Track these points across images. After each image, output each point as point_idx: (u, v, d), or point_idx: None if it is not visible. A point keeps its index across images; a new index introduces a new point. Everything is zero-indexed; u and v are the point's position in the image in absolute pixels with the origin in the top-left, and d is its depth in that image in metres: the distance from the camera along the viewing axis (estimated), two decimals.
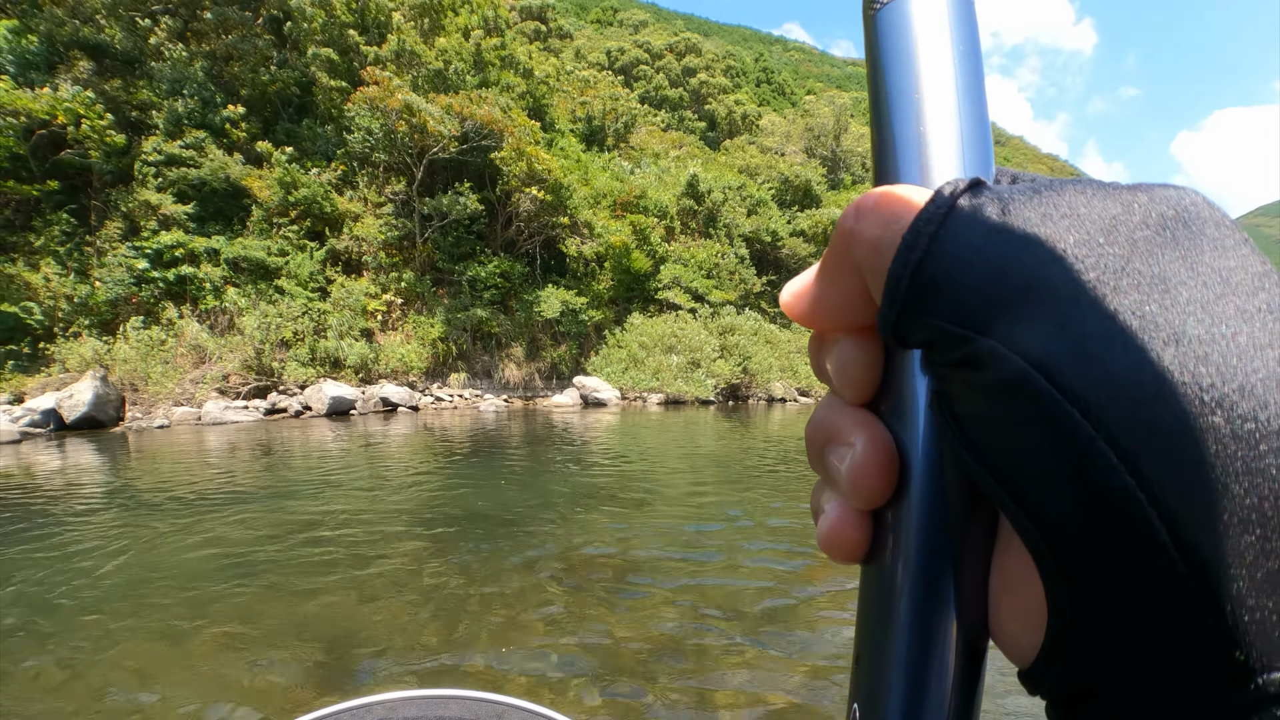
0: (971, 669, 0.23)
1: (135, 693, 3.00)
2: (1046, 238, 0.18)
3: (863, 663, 0.25)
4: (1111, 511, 0.16)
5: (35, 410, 13.37)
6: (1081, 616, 0.18)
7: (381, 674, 3.11)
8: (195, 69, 20.86)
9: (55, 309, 16.50)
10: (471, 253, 24.42)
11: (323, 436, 12.62)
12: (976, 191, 0.20)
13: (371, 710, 0.68)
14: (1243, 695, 0.16)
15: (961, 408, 0.20)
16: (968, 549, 0.22)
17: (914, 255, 0.20)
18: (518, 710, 0.70)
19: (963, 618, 0.22)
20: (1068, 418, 0.17)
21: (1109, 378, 0.16)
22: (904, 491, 0.23)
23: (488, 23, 31.79)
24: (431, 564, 4.71)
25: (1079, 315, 0.17)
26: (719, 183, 35.79)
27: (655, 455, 10.47)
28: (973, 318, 0.19)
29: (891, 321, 0.21)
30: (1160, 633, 0.17)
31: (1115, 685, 0.18)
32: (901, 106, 0.24)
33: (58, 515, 6.33)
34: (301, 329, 18.99)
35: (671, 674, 3.04)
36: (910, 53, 0.24)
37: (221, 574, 4.54)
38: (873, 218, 0.21)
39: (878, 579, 0.24)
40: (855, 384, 0.24)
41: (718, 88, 58.68)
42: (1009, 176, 0.24)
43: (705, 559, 4.83)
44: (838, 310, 0.23)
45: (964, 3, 0.25)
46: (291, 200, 20.82)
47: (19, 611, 4.00)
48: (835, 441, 0.24)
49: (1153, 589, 0.16)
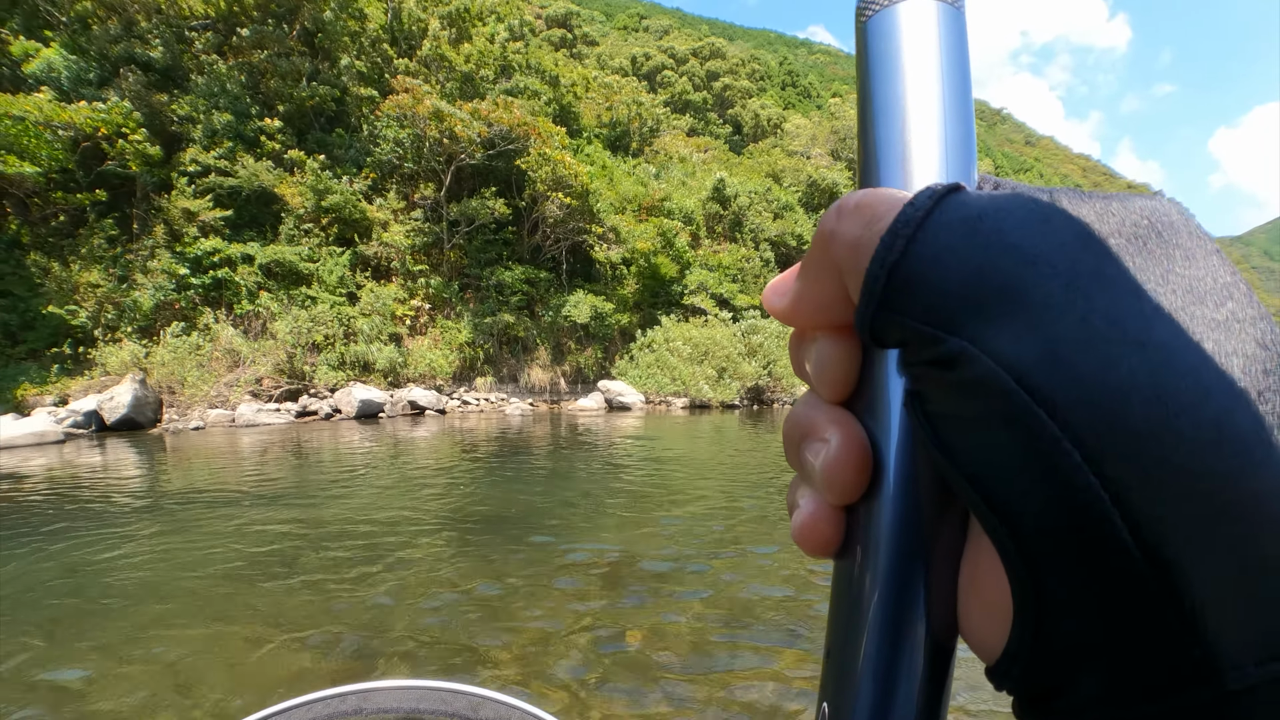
0: (940, 664, 0.23)
1: (167, 679, 3.11)
2: (1021, 243, 0.19)
3: (833, 657, 0.25)
4: (1076, 511, 0.17)
5: (78, 412, 13.83)
6: (1046, 614, 0.18)
7: (403, 669, 3.14)
8: (232, 82, 21.42)
9: (99, 313, 17.06)
10: (498, 258, 24.68)
11: (352, 439, 12.83)
12: (956, 196, 0.20)
13: (346, 699, 0.68)
14: (1204, 693, 0.16)
15: (934, 407, 0.20)
16: (938, 546, 0.23)
17: (891, 256, 0.20)
18: (492, 703, 0.70)
19: (932, 614, 0.23)
20: (1035, 419, 0.17)
21: (1077, 381, 0.17)
22: (877, 488, 0.23)
23: (513, 31, 32.20)
24: (457, 562, 4.77)
25: (1050, 319, 0.17)
26: (744, 187, 35.71)
27: (680, 457, 10.48)
28: (946, 319, 0.19)
29: (868, 321, 0.21)
30: (1123, 631, 0.17)
31: (1079, 682, 0.18)
32: (887, 112, 0.25)
33: (98, 512, 6.55)
34: (332, 333, 19.35)
35: (695, 677, 3.03)
36: (897, 60, 0.25)
37: (252, 569, 4.66)
38: (853, 219, 0.22)
39: (849, 574, 0.24)
40: (832, 382, 0.24)
41: (742, 91, 58.60)
42: (991, 183, 0.25)
43: (732, 560, 4.81)
44: (817, 309, 0.24)
45: (954, 13, 0.25)
46: (323, 207, 21.26)
47: (62, 600, 4.17)
48: (811, 437, 0.24)
49: (1115, 588, 0.17)
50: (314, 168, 21.42)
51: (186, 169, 19.79)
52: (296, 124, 23.02)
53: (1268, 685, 0.16)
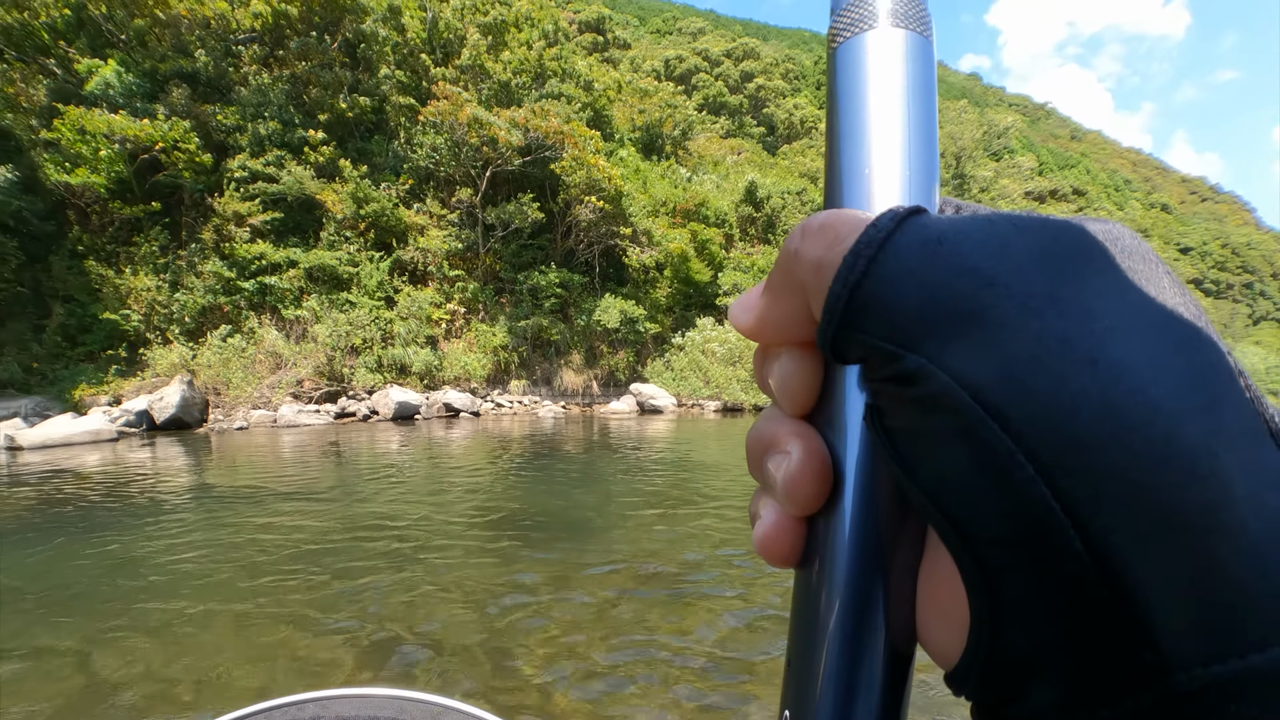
0: (899, 672, 0.24)
1: (204, 661, 3.28)
2: (979, 265, 0.19)
3: (793, 665, 0.25)
4: (1029, 520, 0.17)
5: (130, 411, 14.48)
6: (1001, 621, 0.19)
7: (430, 665, 3.24)
8: (276, 93, 22.17)
9: (151, 317, 17.84)
10: (533, 262, 24.97)
11: (388, 439, 13.16)
12: (917, 219, 0.21)
13: (304, 708, 0.67)
14: (1154, 694, 0.17)
15: (892, 421, 0.21)
16: (897, 557, 0.23)
17: (852, 276, 0.20)
18: (453, 711, 0.69)
19: (891, 622, 0.23)
20: (990, 432, 0.18)
21: (1029, 396, 0.17)
22: (837, 500, 0.23)
23: (548, 37, 32.55)
24: (486, 561, 4.86)
25: (1005, 337, 0.18)
26: (778, 188, 35.47)
27: (712, 460, 10.50)
28: (904, 336, 0.19)
29: (829, 338, 0.21)
30: (1076, 637, 0.17)
31: (1035, 688, 0.19)
32: (852, 136, 0.26)
33: (148, 506, 6.89)
34: (370, 337, 19.86)
35: (729, 682, 3.03)
36: (863, 86, 0.26)
37: (291, 562, 4.85)
38: (816, 239, 0.22)
39: (810, 584, 0.25)
40: (795, 396, 0.25)
41: (777, 92, 58.23)
42: (953, 206, 0.26)
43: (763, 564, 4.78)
44: (781, 325, 0.24)
45: (921, 42, 0.26)
46: (362, 214, 21.83)
47: (112, 586, 4.42)
48: (773, 449, 0.25)
49: (1068, 595, 0.17)
50: (354, 175, 22.01)
51: (234, 175, 20.57)
52: (337, 132, 23.67)
53: (1216, 686, 0.16)
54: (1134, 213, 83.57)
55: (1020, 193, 63.28)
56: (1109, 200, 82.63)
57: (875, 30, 0.26)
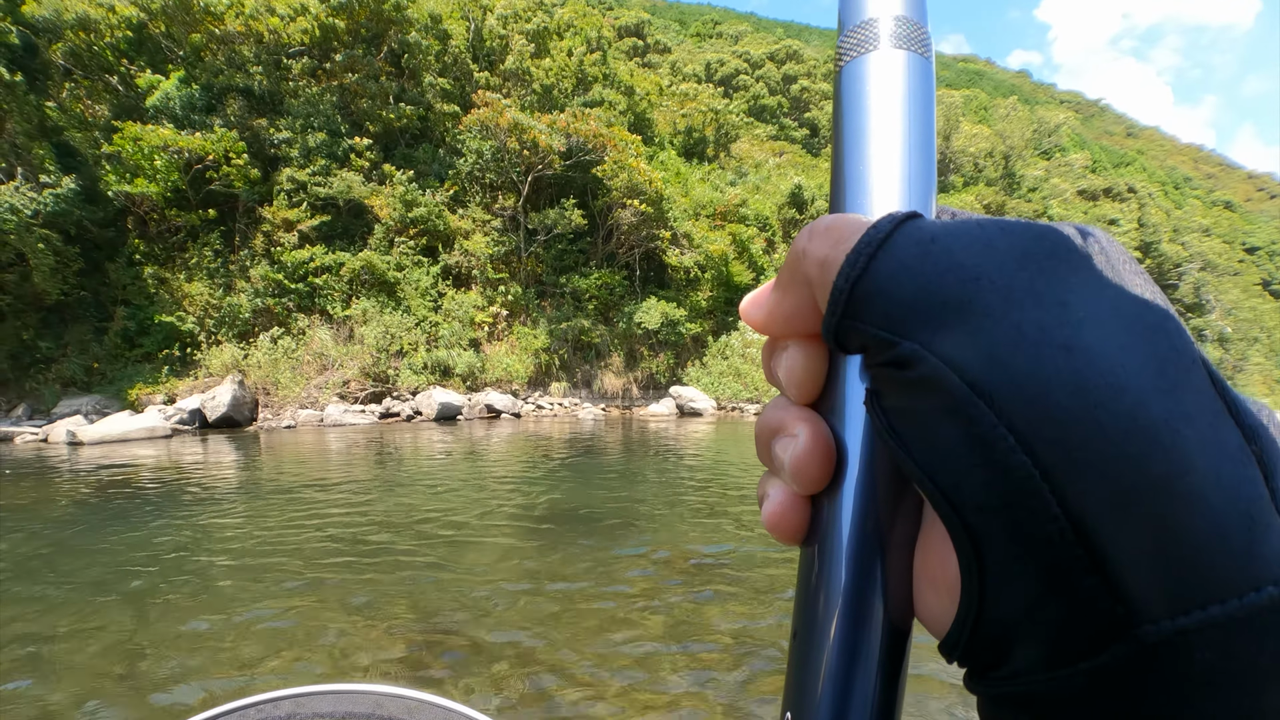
0: (897, 644, 0.25)
1: (242, 643, 3.32)
2: (966, 262, 0.21)
3: (799, 637, 0.27)
4: (1012, 487, 0.19)
5: (184, 410, 14.92)
6: (989, 583, 0.20)
7: (465, 660, 3.18)
8: (325, 104, 22.75)
9: (204, 319, 18.41)
10: (574, 265, 25.08)
11: (431, 439, 13.26)
12: (913, 222, 0.23)
13: (280, 705, 0.67)
14: (1127, 646, 0.18)
15: (889, 402, 0.23)
16: (894, 533, 0.25)
17: (854, 272, 0.22)
18: (430, 706, 0.69)
19: (889, 595, 0.25)
20: (976, 408, 0.19)
21: (1011, 376, 0.19)
22: (840, 480, 0.25)
23: (590, 43, 32.76)
24: (528, 557, 4.81)
25: (989, 326, 0.20)
26: (822, 190, 34.96)
27: (751, 462, 10.31)
28: (900, 326, 0.21)
29: (833, 328, 0.23)
30: (1054, 594, 0.19)
31: (1018, 648, 0.21)
32: (855, 148, 0.28)
33: (200, 498, 7.02)
34: (415, 339, 20.14)
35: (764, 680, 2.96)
36: (866, 103, 0.28)
37: (336, 554, 4.87)
38: (822, 239, 0.24)
39: (814, 559, 0.26)
40: (801, 385, 0.26)
41: (819, 93, 57.56)
42: (949, 213, 0.28)
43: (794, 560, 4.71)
44: (789, 319, 0.26)
45: (921, 62, 0.28)
46: (410, 218, 22.21)
47: (163, 573, 4.49)
48: (781, 433, 0.27)
49: (1048, 555, 0.19)
50: (402, 181, 22.43)
51: (284, 187, 21.18)
52: (383, 141, 24.17)
53: (1180, 635, 0.18)
54: (1193, 211, 79.54)
55: (1073, 191, 61.23)
56: (1166, 198, 79.19)
57: (878, 51, 0.28)
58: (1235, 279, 67.55)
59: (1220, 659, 0.18)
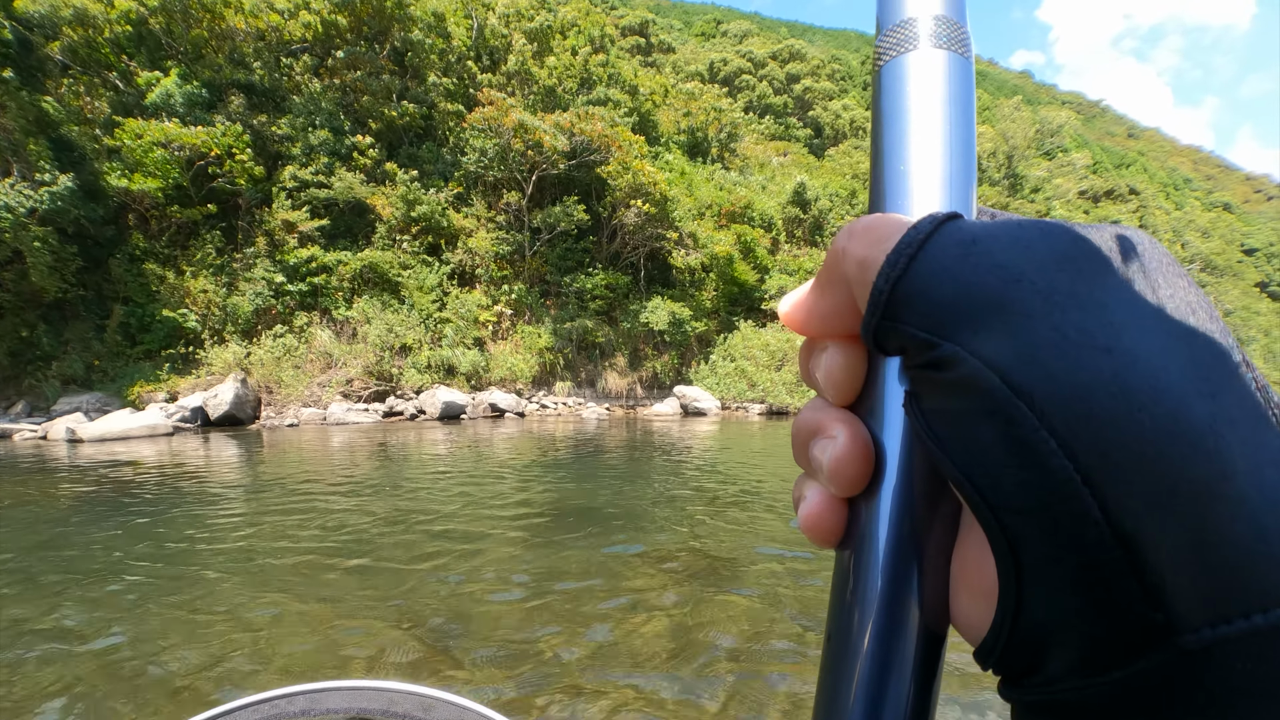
0: (932, 650, 0.25)
1: (234, 643, 3.20)
2: (1007, 263, 0.21)
3: (833, 640, 0.26)
4: (1052, 490, 0.19)
5: (186, 408, 14.76)
6: (1026, 588, 0.20)
7: (467, 656, 3.10)
8: (328, 101, 22.58)
9: (206, 317, 18.24)
10: (578, 265, 24.91)
11: (435, 438, 13.09)
12: (954, 223, 0.23)
13: (294, 700, 0.67)
14: (1164, 654, 0.18)
15: (928, 404, 0.22)
16: (932, 537, 0.24)
17: (894, 272, 0.22)
18: (442, 703, 0.69)
19: (925, 599, 0.24)
20: (1016, 410, 0.19)
21: (1051, 378, 0.19)
22: (878, 483, 0.25)
23: (594, 42, 32.62)
24: (531, 557, 4.70)
25: (1029, 327, 0.20)
26: (826, 190, 34.82)
27: (755, 462, 10.14)
28: (940, 327, 0.21)
29: (872, 329, 0.23)
30: (1092, 599, 0.19)
31: (1055, 654, 0.20)
32: (895, 148, 0.27)
33: (200, 495, 6.85)
34: (419, 338, 19.98)
35: (767, 680, 2.88)
36: (906, 103, 0.28)
37: (337, 551, 4.74)
38: (862, 239, 0.24)
39: (850, 562, 0.26)
40: (839, 386, 0.26)
41: (823, 93, 57.38)
42: (988, 214, 0.27)
43: (802, 561, 4.63)
44: (827, 319, 0.26)
45: (961, 61, 0.28)
46: (413, 217, 22.04)
47: (159, 570, 4.36)
48: (819, 434, 0.26)
49: (1087, 558, 0.18)
50: (405, 179, 22.26)
51: (286, 185, 21.00)
52: (387, 139, 24.01)
53: (1220, 645, 0.17)
54: (1193, 212, 79.40)
55: (1075, 191, 61.08)
56: (1167, 199, 79.07)
57: (917, 51, 0.28)
58: (1236, 280, 67.29)
59: (1261, 669, 0.17)
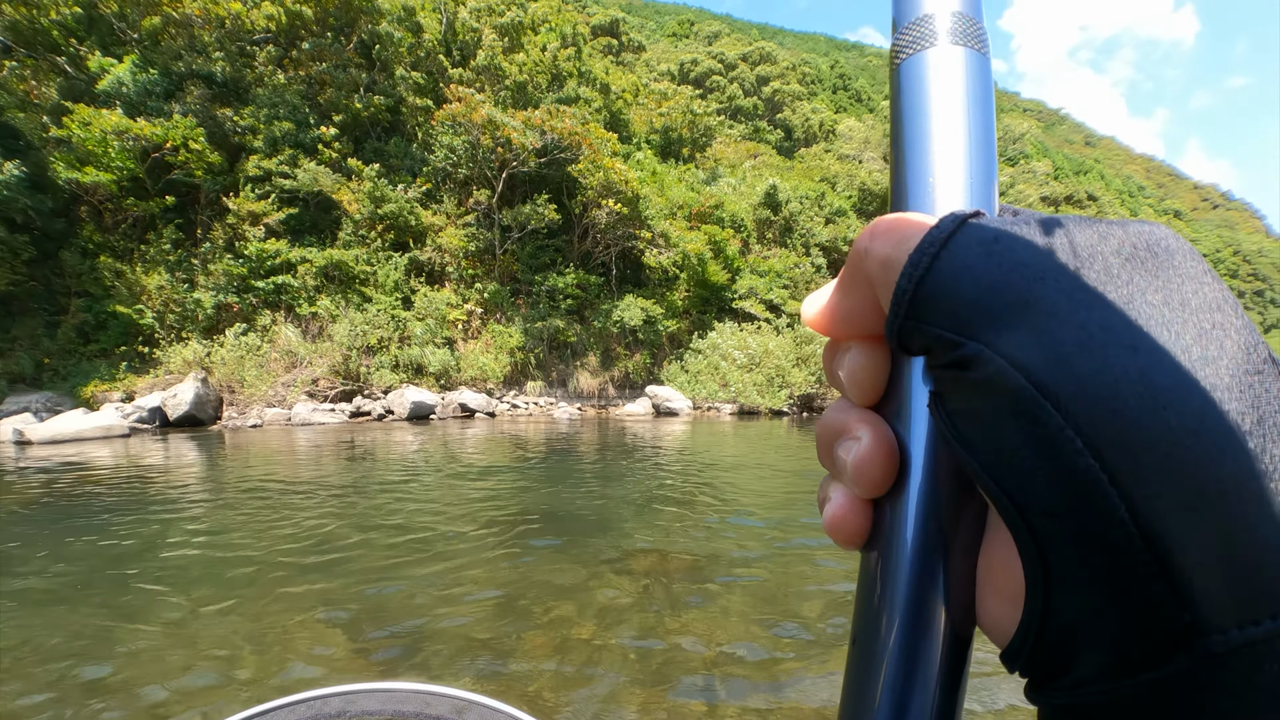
0: (958, 652, 0.25)
1: (205, 662, 3.02)
2: (1031, 262, 0.21)
3: (858, 643, 0.26)
4: (1078, 490, 0.18)
5: (143, 408, 14.23)
6: (1054, 589, 0.20)
7: (436, 663, 3.02)
8: (291, 93, 22.00)
9: (165, 314, 17.61)
10: (550, 263, 24.69)
11: (403, 439, 12.84)
12: (976, 221, 0.22)
13: (329, 702, 0.68)
14: (1193, 656, 0.17)
15: (953, 404, 0.22)
16: (957, 538, 0.24)
17: (918, 272, 0.22)
18: (476, 705, 0.69)
19: (951, 602, 0.24)
20: (1042, 410, 0.19)
21: (1077, 378, 0.19)
22: (902, 484, 0.25)
23: (565, 39, 32.39)
24: (496, 560, 4.61)
25: (1054, 326, 0.19)
26: (796, 192, 35.11)
27: (727, 461, 10.13)
28: (965, 326, 0.21)
29: (896, 329, 0.23)
30: (1120, 601, 0.18)
31: (1083, 656, 0.20)
32: (916, 145, 0.27)
33: (156, 500, 6.57)
34: (387, 337, 19.59)
35: (734, 682, 2.86)
36: (926, 100, 0.27)
37: (300, 558, 4.58)
38: (885, 239, 0.24)
39: (875, 564, 0.26)
40: (863, 387, 0.26)
41: (793, 95, 57.84)
42: (1010, 211, 0.27)
43: (775, 563, 4.60)
44: (850, 320, 0.26)
45: (979, 58, 0.28)
46: (380, 213, 21.60)
47: (109, 579, 4.14)
48: (843, 436, 0.26)
49: (1114, 559, 0.18)
50: (371, 175, 21.81)
51: (249, 174, 20.36)
52: (353, 133, 23.50)
53: (1249, 647, 0.17)
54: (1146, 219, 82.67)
55: (1036, 197, 62.62)
56: (1122, 206, 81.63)
57: (936, 48, 0.28)
58: None
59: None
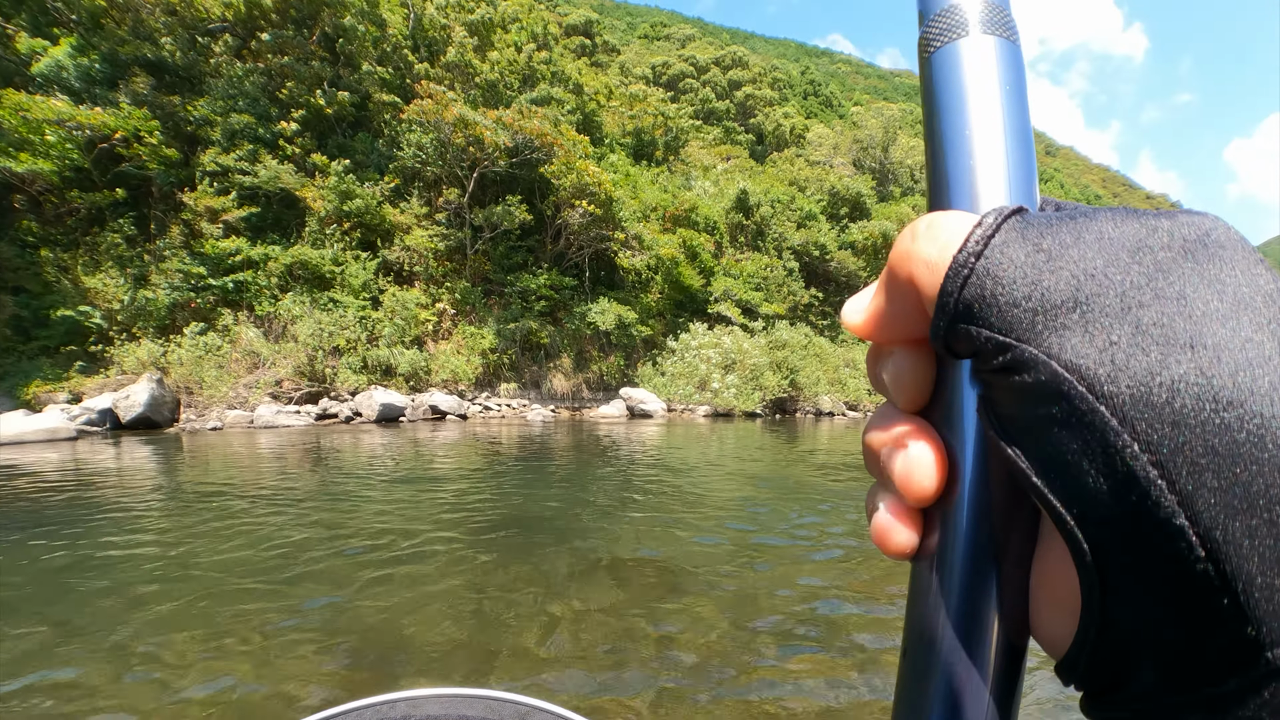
0: (1012, 663, 0.24)
1: (162, 675, 2.78)
2: (1080, 258, 0.20)
3: (909, 655, 0.26)
4: (1136, 498, 0.17)
5: (92, 410, 13.45)
6: (1111, 601, 0.19)
7: (410, 671, 2.89)
8: (250, 84, 21.19)
9: (115, 312, 16.73)
10: (523, 264, 24.27)
11: (372, 442, 12.35)
12: (1020, 217, 0.22)
13: (395, 706, 0.68)
14: (1255, 671, 0.17)
15: (1003, 409, 0.21)
16: (1010, 547, 0.23)
17: (963, 272, 0.21)
18: (541, 712, 0.68)
19: (1004, 611, 0.23)
20: (1097, 414, 0.18)
21: (1133, 380, 0.18)
22: (951, 492, 0.24)
23: (537, 39, 32.02)
24: (468, 567, 4.39)
25: (1107, 325, 0.19)
26: (768, 196, 35.22)
27: (701, 463, 9.93)
28: (1014, 328, 0.20)
29: (942, 332, 0.22)
30: (1180, 613, 0.17)
31: (1141, 670, 0.19)
32: (954, 140, 0.26)
33: (102, 508, 6.08)
34: (354, 337, 18.96)
35: (714, 683, 2.81)
36: (962, 92, 0.27)
37: (262, 569, 4.25)
38: (927, 239, 0.23)
39: (926, 574, 0.25)
40: (909, 392, 0.26)
41: (764, 100, 58.16)
42: (1053, 205, 0.26)
43: (751, 564, 4.51)
44: (894, 323, 0.25)
45: (1011, 47, 0.27)
46: (345, 210, 20.93)
47: (64, 593, 3.79)
48: (890, 443, 0.25)
49: (1174, 571, 0.17)
50: (337, 171, 21.15)
51: (206, 169, 19.49)
52: (317, 128, 22.76)
53: None
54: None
55: None
56: None
57: (967, 38, 0.27)
58: None
59: None
